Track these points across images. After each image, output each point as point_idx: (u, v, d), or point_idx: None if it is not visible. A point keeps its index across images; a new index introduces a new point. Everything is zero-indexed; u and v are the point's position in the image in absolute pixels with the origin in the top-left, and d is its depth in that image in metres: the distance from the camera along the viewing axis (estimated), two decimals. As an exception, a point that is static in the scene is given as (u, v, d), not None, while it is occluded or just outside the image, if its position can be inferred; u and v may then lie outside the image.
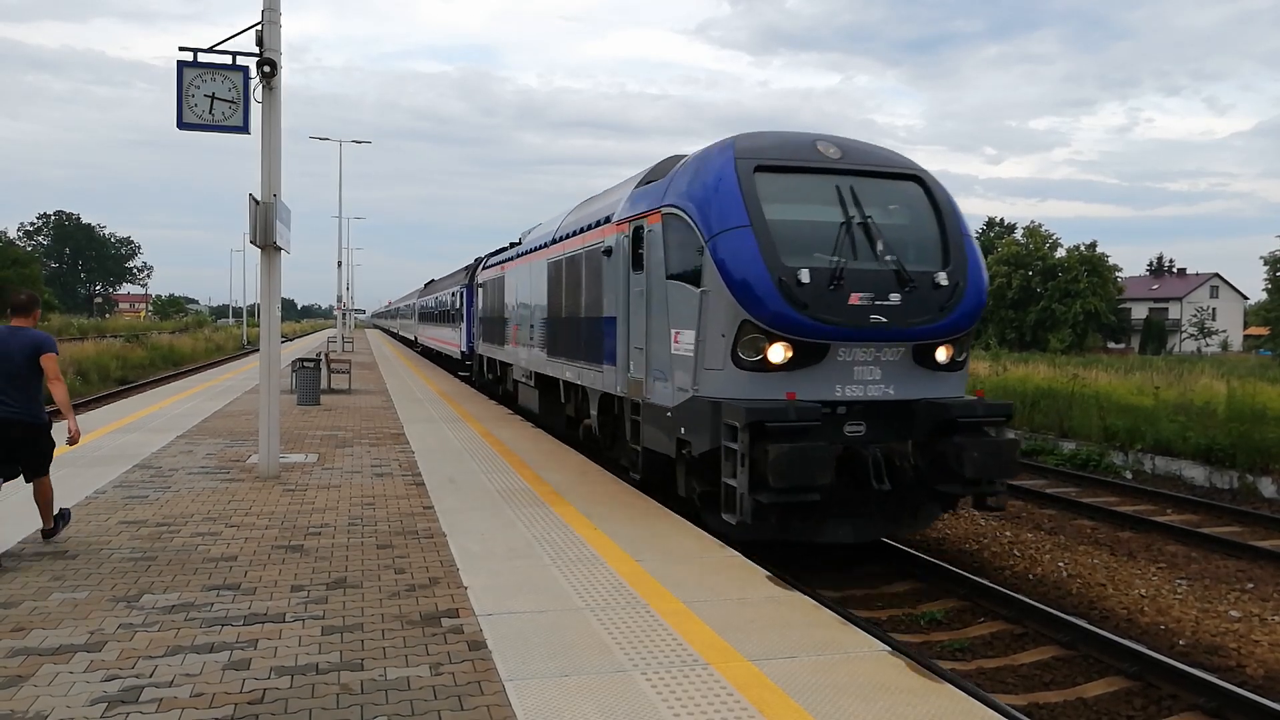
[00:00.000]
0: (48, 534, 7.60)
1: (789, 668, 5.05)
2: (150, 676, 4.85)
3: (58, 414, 7.26)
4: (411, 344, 56.52)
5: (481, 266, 24.55)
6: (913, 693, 4.74)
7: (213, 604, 6.06)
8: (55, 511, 7.61)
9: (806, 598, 6.37)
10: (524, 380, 17.38)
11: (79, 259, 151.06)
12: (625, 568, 7.00)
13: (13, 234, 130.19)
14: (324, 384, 22.09)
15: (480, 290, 24.00)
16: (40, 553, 7.23)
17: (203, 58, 10.51)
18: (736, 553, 7.55)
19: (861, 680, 4.88)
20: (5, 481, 7.17)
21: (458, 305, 29.90)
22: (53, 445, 7.42)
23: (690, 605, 6.11)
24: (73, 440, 7.21)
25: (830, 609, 6.22)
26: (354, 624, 5.70)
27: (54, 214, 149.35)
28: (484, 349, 23.34)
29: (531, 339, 16.22)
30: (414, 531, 8.14)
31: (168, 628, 5.59)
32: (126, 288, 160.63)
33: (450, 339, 32.80)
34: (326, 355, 25.13)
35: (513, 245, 20.67)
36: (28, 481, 7.31)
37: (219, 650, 5.23)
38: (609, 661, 5.10)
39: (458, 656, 5.19)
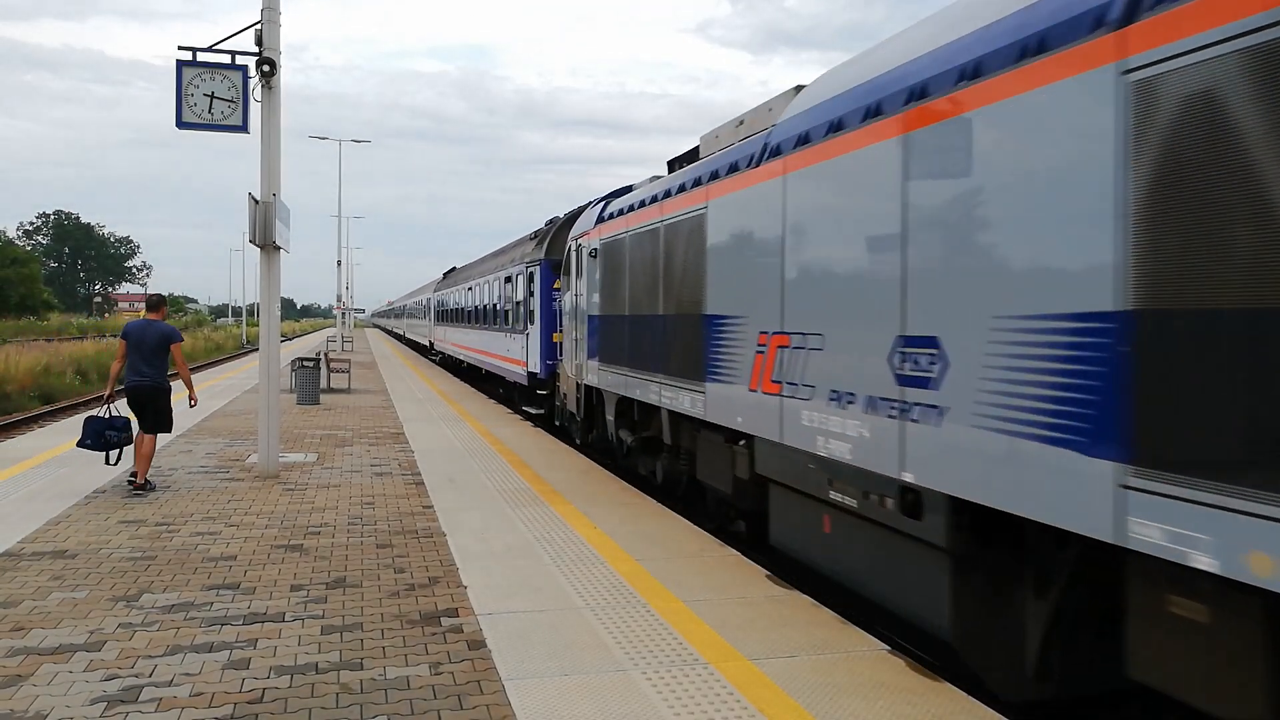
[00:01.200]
0: (137, 484, 9.61)
1: (789, 667, 5.04)
2: (150, 676, 4.84)
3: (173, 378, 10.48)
4: (426, 351, 46.05)
5: (597, 219, 12.28)
6: (913, 692, 4.74)
7: (212, 603, 6.05)
8: (142, 465, 9.66)
9: (806, 596, 6.36)
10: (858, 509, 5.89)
11: (78, 258, 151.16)
12: (625, 566, 7.00)
13: (12, 233, 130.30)
14: (323, 383, 22.08)
15: (590, 265, 12.27)
16: (40, 552, 7.23)
17: (202, 57, 10.53)
18: (736, 551, 7.55)
19: (861, 679, 4.88)
20: (143, 433, 9.78)
21: (517, 298, 19.26)
22: (170, 405, 9.99)
23: (690, 604, 6.10)
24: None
25: (830, 608, 6.21)
26: (353, 623, 5.70)
27: (53, 213, 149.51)
28: (599, 376, 11.94)
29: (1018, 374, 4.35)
30: (414, 531, 8.14)
31: (167, 627, 5.59)
32: (126, 287, 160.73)
33: (503, 352, 21.00)
34: (326, 354, 25.13)
35: (687, 158, 10.12)
36: (145, 433, 9.73)
37: (219, 650, 5.23)
38: (608, 661, 5.10)
39: (457, 656, 5.19)
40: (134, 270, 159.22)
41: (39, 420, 21.93)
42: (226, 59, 10.59)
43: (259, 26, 10.65)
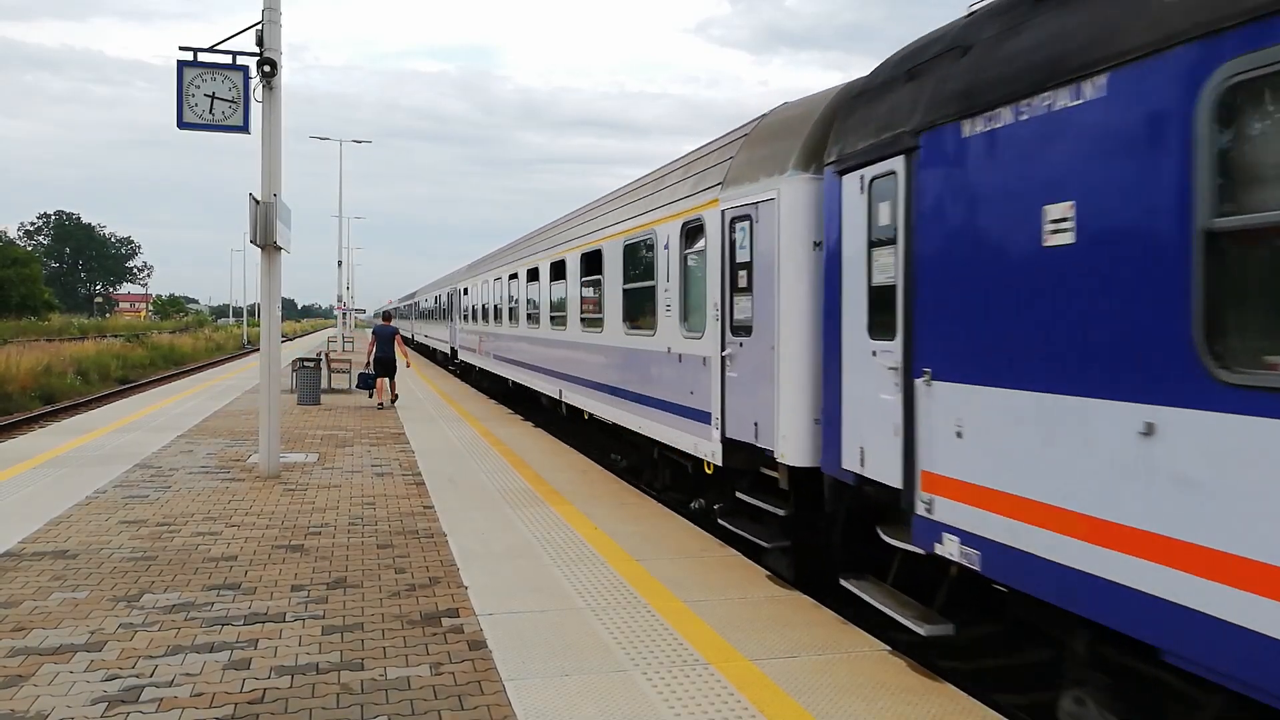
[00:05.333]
0: (386, 406, 18.94)
1: (789, 667, 5.05)
2: (150, 676, 4.85)
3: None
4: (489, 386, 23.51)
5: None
6: (913, 692, 4.74)
7: (213, 603, 6.06)
8: (385, 398, 19.20)
9: (807, 597, 6.37)
10: None
11: (79, 259, 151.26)
12: (625, 567, 7.00)
13: (13, 234, 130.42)
14: (324, 383, 22.09)
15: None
16: (41, 552, 7.23)
17: (203, 57, 10.53)
18: (737, 552, 7.55)
19: (862, 679, 4.88)
20: (380, 379, 19.22)
21: None
22: (396, 366, 19.45)
23: (691, 605, 6.11)
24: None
25: (830, 608, 6.21)
26: (354, 623, 5.70)
27: (54, 214, 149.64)
28: None
29: None
30: (414, 531, 8.14)
31: (168, 627, 5.59)
32: (127, 287, 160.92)
33: None
34: (327, 355, 25.12)
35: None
36: (381, 378, 19.10)
37: (219, 650, 5.23)
38: (609, 661, 5.10)
39: (458, 656, 5.19)
40: (135, 270, 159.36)
41: (40, 420, 21.94)
42: (227, 59, 10.59)
43: (260, 27, 10.65)
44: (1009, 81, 4.71)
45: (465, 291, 28.01)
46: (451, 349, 32.19)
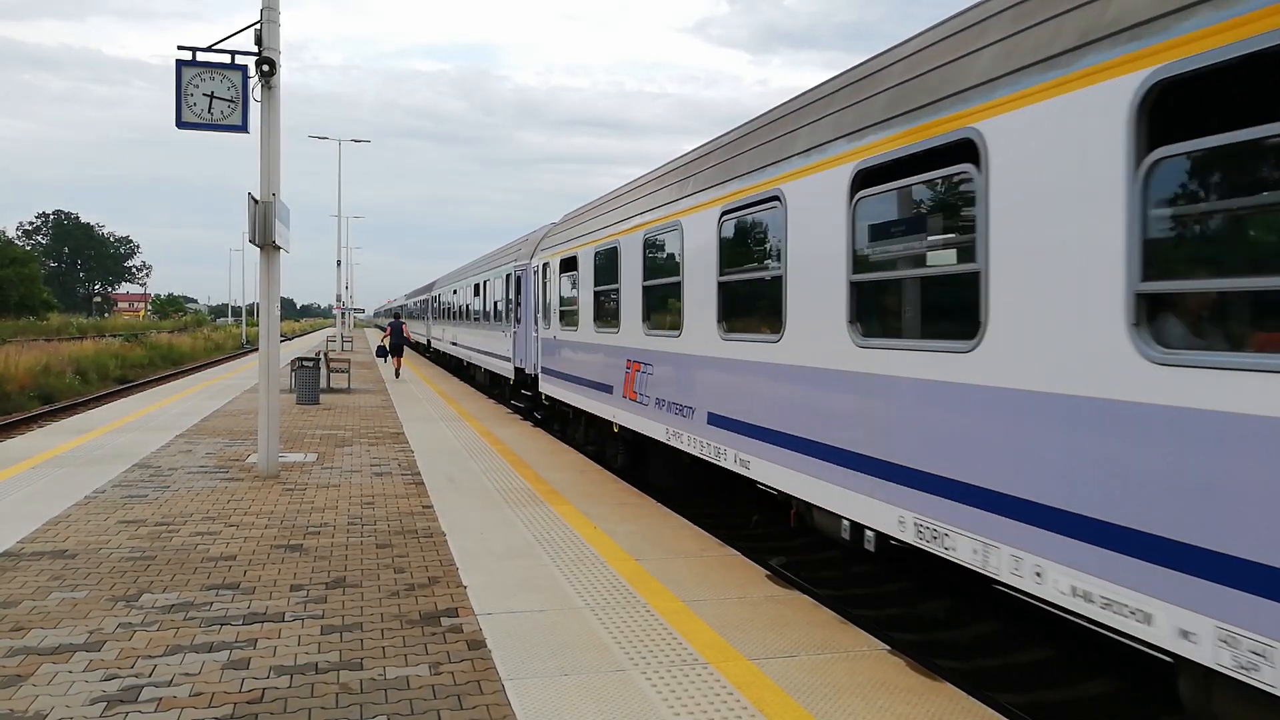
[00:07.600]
0: (399, 378, 27.64)
1: (788, 666, 5.05)
2: (149, 676, 4.85)
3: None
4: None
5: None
6: (912, 691, 4.74)
7: (212, 603, 6.05)
8: (396, 369, 29.40)
9: (806, 596, 6.37)
10: None
11: (78, 258, 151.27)
12: (625, 567, 7.00)
13: (11, 233, 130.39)
14: (323, 383, 22.08)
15: None
16: (40, 552, 7.23)
17: (201, 57, 10.52)
18: (736, 551, 7.55)
19: (861, 679, 4.88)
20: (392, 357, 29.59)
21: None
22: (404, 349, 30.14)
23: (690, 604, 6.11)
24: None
25: (830, 608, 6.22)
26: (353, 623, 5.70)
27: (53, 213, 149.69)
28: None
29: None
30: (413, 531, 8.14)
31: (167, 627, 5.59)
32: (125, 287, 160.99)
33: None
34: (326, 354, 25.11)
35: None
36: (397, 356, 29.29)
37: (218, 650, 5.23)
38: (609, 661, 5.10)
39: (457, 656, 5.19)
40: (134, 270, 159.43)
41: (39, 420, 21.93)
42: (226, 59, 10.58)
43: (258, 26, 10.64)
44: None
45: (561, 267, 14.63)
46: (517, 370, 18.90)
